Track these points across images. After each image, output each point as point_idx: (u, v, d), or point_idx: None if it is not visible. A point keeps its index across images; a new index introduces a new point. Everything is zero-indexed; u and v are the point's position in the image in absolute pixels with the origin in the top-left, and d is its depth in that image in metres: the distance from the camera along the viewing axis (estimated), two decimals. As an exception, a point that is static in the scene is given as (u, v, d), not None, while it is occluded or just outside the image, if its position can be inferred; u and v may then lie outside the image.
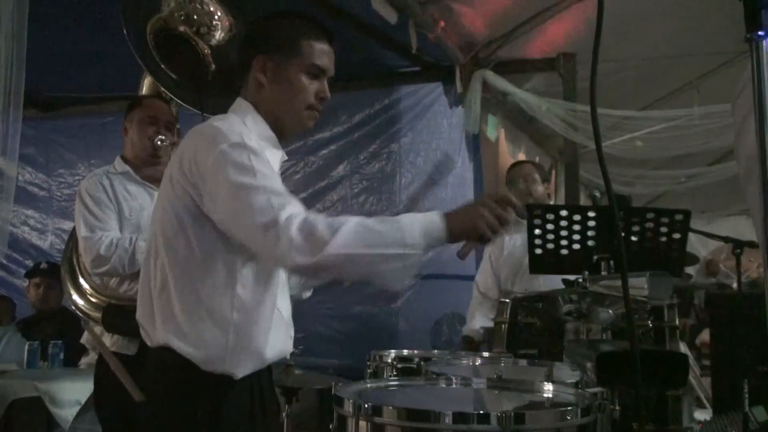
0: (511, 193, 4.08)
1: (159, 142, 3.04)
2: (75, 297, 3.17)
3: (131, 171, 3.08)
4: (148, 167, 3.09)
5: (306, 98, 1.98)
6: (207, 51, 2.96)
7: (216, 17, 2.94)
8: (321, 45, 1.99)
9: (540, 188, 4.02)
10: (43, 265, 5.36)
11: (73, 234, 3.28)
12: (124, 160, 3.14)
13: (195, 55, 2.94)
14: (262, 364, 1.94)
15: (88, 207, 2.94)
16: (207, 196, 1.81)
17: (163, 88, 2.89)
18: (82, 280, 3.16)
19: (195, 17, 2.93)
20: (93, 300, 3.09)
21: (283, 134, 2.04)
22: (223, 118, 1.97)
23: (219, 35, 2.96)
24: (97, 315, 3.02)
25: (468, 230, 1.77)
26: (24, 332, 5.08)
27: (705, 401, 4.10)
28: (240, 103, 2.04)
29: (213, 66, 2.94)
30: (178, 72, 2.86)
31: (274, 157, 1.99)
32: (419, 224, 1.72)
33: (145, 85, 3.45)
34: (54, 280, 5.30)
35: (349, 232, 1.68)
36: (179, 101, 2.88)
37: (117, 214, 2.97)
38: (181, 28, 2.92)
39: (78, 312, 3.21)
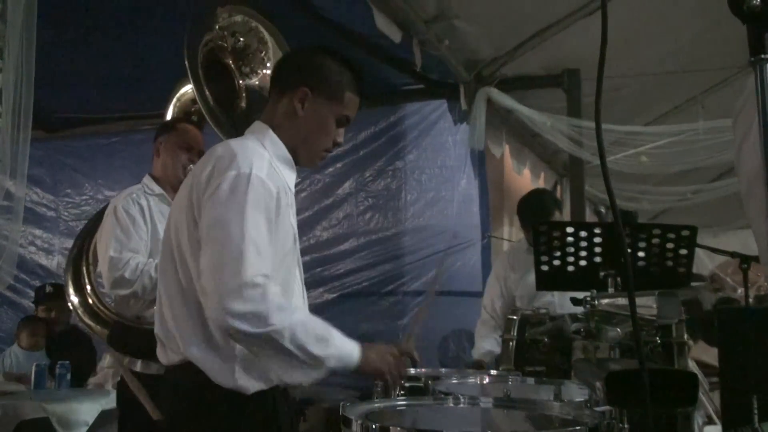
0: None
1: (189, 171, 3.06)
2: (73, 297, 3.22)
3: (165, 193, 3.11)
4: (173, 191, 3.11)
5: (327, 142, 2.10)
6: (242, 88, 3.03)
7: (266, 67, 3.01)
8: (357, 99, 2.12)
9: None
10: (48, 289, 5.33)
11: (86, 233, 3.29)
12: (154, 178, 3.17)
13: (231, 87, 3.00)
14: (271, 383, 1.95)
15: (121, 225, 2.92)
16: (204, 213, 1.86)
17: (202, 108, 2.88)
18: (87, 286, 3.21)
19: (248, 52, 2.99)
20: (90, 302, 3.15)
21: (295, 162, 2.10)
22: (241, 141, 2.01)
23: (255, 82, 3.02)
24: (89, 320, 3.08)
25: (374, 373, 1.98)
26: (48, 353, 5.05)
27: (714, 417, 4.07)
28: (259, 126, 2.08)
29: (243, 103, 3.00)
30: (214, 96, 2.89)
31: (290, 179, 2.06)
32: (339, 353, 1.89)
33: (175, 107, 3.50)
34: (63, 302, 5.29)
35: (293, 326, 1.80)
36: (213, 125, 2.87)
37: (150, 235, 2.97)
38: (228, 60, 2.99)
39: (70, 306, 3.27)
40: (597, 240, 2.83)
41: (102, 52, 4.84)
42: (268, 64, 3.01)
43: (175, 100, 3.49)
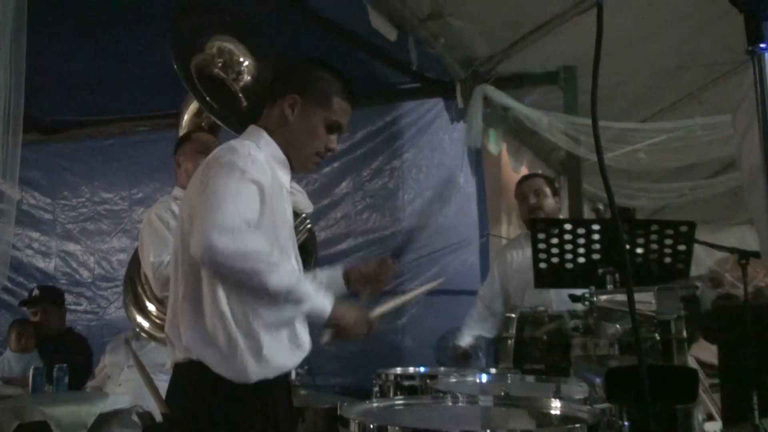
0: (519, 207, 4.05)
1: None
2: (140, 320, 3.41)
3: None
4: None
5: (318, 146, 2.20)
6: (238, 90, 3.30)
7: (243, 65, 3.32)
8: (347, 105, 2.23)
9: (550, 202, 3.98)
10: (35, 293, 5.31)
11: (133, 261, 3.44)
12: (182, 188, 3.27)
13: (230, 92, 3.28)
14: (273, 371, 2.04)
15: (157, 231, 3.05)
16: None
17: (211, 115, 3.22)
18: (148, 304, 3.40)
19: (229, 66, 3.32)
20: (158, 322, 3.31)
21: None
22: (238, 140, 2.16)
23: (246, 78, 3.31)
24: (162, 335, 3.19)
25: (341, 329, 2.07)
26: (41, 355, 5.04)
27: (715, 414, 4.06)
28: (252, 129, 2.22)
29: (245, 103, 3.27)
30: (219, 103, 3.17)
31: (284, 179, 2.19)
32: (315, 300, 2.01)
33: (187, 121, 3.75)
34: (49, 304, 5.26)
35: (270, 267, 1.91)
36: (226, 126, 3.15)
37: None
38: (216, 71, 3.29)
39: (143, 334, 3.47)
40: (595, 237, 2.83)
41: (97, 54, 4.82)
42: (242, 59, 3.28)
43: (183, 123, 3.76)
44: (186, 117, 3.77)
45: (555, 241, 2.89)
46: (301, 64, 2.30)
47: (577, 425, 1.53)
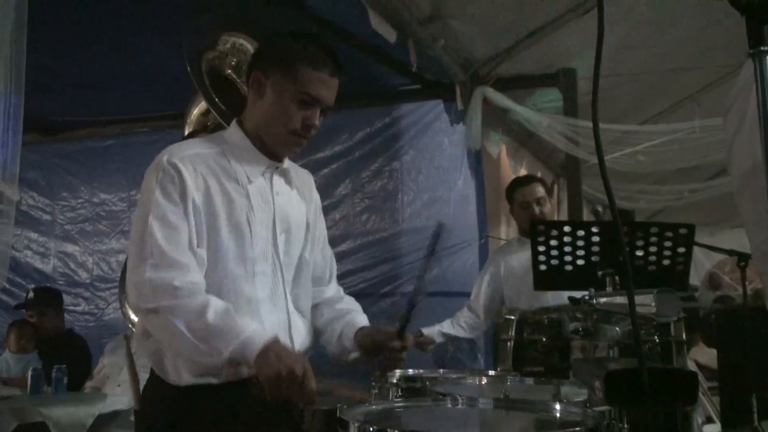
0: (520, 214, 4.01)
1: None
2: (133, 316, 3.49)
3: None
4: None
5: (289, 123, 1.95)
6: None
7: None
8: (320, 74, 1.94)
9: (549, 207, 3.98)
10: (30, 295, 5.29)
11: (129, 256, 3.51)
12: None
13: (239, 94, 3.25)
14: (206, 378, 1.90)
15: None
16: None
17: (217, 116, 3.17)
18: None
19: (243, 67, 3.25)
20: None
21: (267, 151, 2.02)
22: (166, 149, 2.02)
23: None
24: None
25: (264, 379, 1.74)
26: (40, 356, 5.03)
27: (714, 416, 4.07)
28: (233, 123, 2.09)
29: None
30: (227, 105, 3.15)
31: (252, 169, 1.99)
32: (235, 346, 1.75)
33: (194, 119, 3.79)
34: (45, 306, 5.24)
35: (190, 309, 1.78)
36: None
37: None
38: (228, 71, 3.28)
39: (134, 329, 3.52)
40: (595, 239, 2.83)
41: (97, 55, 4.83)
42: None
43: (189, 120, 3.80)
44: (194, 114, 3.76)
45: (554, 243, 2.88)
46: (265, 41, 2.09)
47: (577, 428, 1.52)
